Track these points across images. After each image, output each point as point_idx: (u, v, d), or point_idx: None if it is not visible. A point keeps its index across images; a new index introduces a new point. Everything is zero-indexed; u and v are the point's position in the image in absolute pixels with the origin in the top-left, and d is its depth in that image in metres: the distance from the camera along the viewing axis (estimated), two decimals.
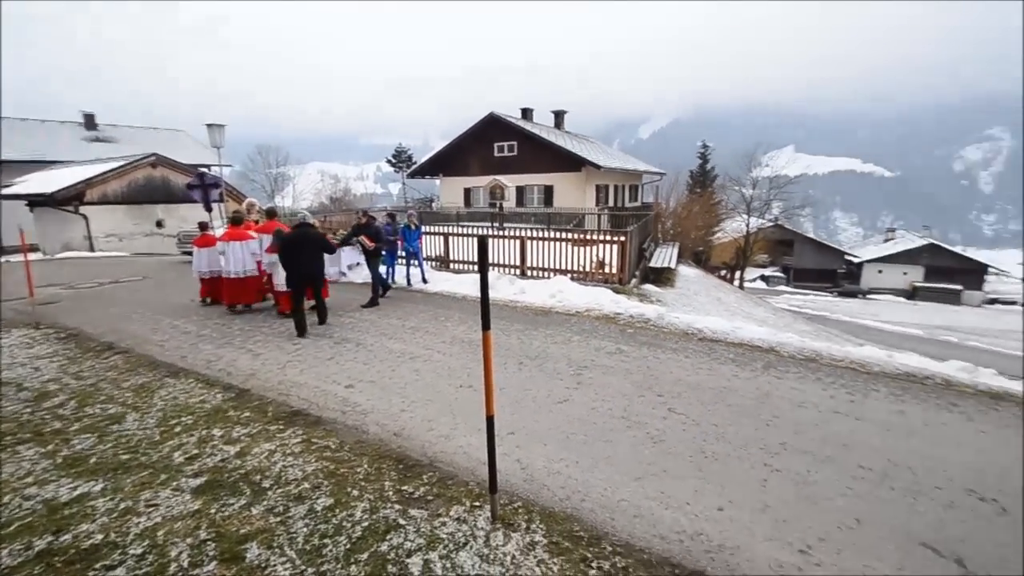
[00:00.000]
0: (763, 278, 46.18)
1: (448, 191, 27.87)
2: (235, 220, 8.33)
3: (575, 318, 7.57)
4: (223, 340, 6.80)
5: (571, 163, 23.38)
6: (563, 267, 10.30)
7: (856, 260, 47.00)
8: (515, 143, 25.26)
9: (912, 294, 41.81)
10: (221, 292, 8.42)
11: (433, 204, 30.54)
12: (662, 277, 12.38)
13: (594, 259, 10.43)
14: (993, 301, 41.59)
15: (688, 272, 16.70)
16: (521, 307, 8.31)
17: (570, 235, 10.84)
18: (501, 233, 11.93)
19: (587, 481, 3.42)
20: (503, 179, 23.15)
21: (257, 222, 9.00)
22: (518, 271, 10.62)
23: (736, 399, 4.69)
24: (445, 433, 4.10)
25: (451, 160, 27.18)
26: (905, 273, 43.79)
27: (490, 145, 25.77)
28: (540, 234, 10.94)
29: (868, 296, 41.93)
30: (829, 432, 4.07)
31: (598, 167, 22.66)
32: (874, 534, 2.92)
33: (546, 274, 10.31)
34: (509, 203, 23.58)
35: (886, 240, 52.04)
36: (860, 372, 5.34)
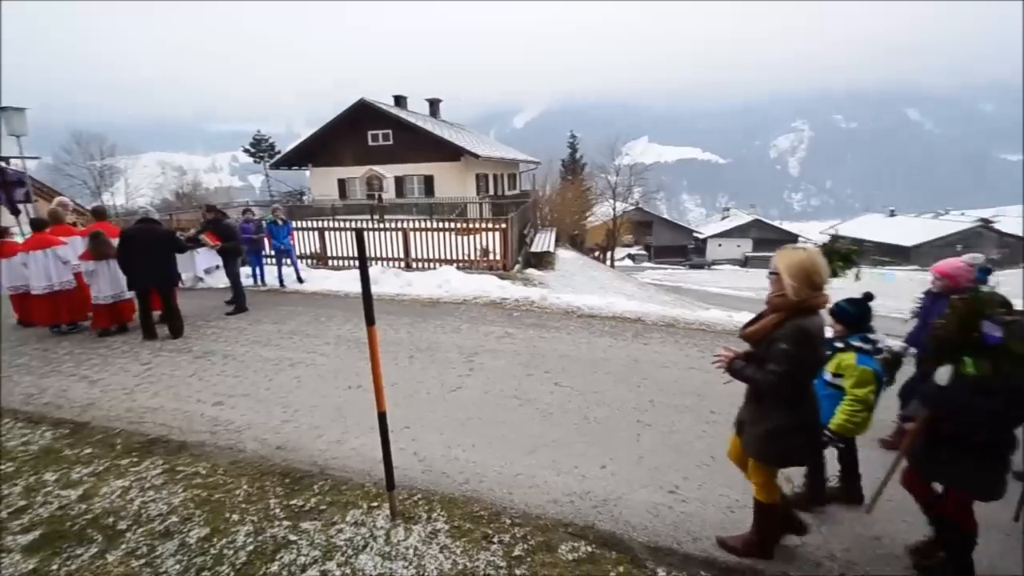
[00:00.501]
0: (630, 256, 50.79)
1: (320, 183, 26.01)
2: (37, 224, 6.93)
3: (463, 306, 7.65)
4: (47, 368, 5.66)
5: (450, 152, 23.24)
6: (448, 257, 10.30)
7: (701, 236, 54.07)
8: (390, 131, 24.37)
9: (745, 263, 49.23)
10: (32, 311, 6.96)
11: (304, 197, 28.32)
12: (543, 261, 13.00)
13: (478, 247, 10.59)
14: None
15: (566, 255, 17.76)
16: (409, 300, 8.17)
17: (453, 225, 10.85)
18: (382, 226, 11.51)
19: (485, 462, 3.54)
20: (380, 169, 22.23)
21: (76, 224, 7.59)
22: (403, 264, 10.38)
23: (612, 367, 5.17)
24: (336, 438, 3.93)
25: (321, 149, 25.35)
26: (739, 245, 51.47)
27: (364, 133, 24.54)
28: (423, 225, 10.78)
29: (712, 267, 48.41)
30: (687, 386, 4.70)
31: (477, 156, 22.85)
32: (726, 467, 3.45)
33: (432, 265, 10.22)
34: (389, 194, 22.73)
35: (723, 218, 60.53)
36: (708, 332, 6.22)
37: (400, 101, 27.70)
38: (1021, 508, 2.80)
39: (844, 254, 2.80)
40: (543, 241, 15.11)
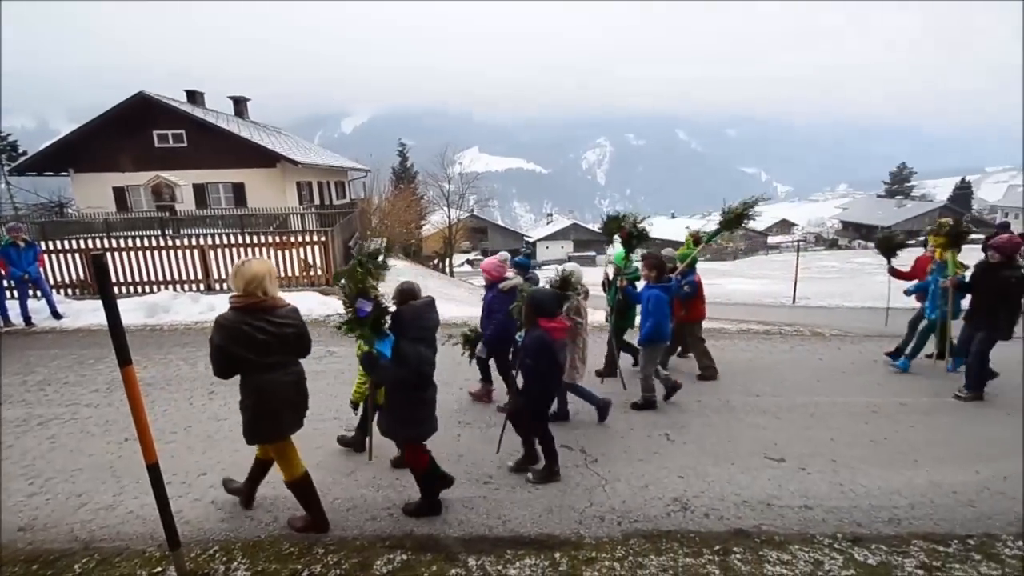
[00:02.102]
0: (468, 262, 52.35)
1: (88, 192, 21.05)
2: None
3: None
4: None
5: (264, 158, 20.97)
6: None
7: (532, 240, 58.57)
8: (183, 132, 20.95)
9: (567, 262, 54.92)
10: None
11: (67, 209, 22.68)
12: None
13: (299, 262, 9.82)
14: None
15: (398, 264, 17.50)
16: (210, 327, 7.17)
17: (268, 238, 9.85)
18: (175, 243, 9.85)
19: None
20: (171, 176, 19.03)
21: None
22: (202, 286, 9.07)
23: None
24: (107, 503, 3.29)
25: (89, 150, 20.44)
26: (562, 247, 57.12)
27: (148, 133, 20.63)
28: (231, 240, 9.56)
29: (543, 267, 52.76)
30: (502, 384, 5.08)
31: (296, 163, 21.05)
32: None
33: None
34: (184, 205, 19.59)
35: (548, 223, 66.57)
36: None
37: (195, 97, 24.07)
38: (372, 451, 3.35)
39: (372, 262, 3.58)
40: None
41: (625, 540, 2.94)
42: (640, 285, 5.13)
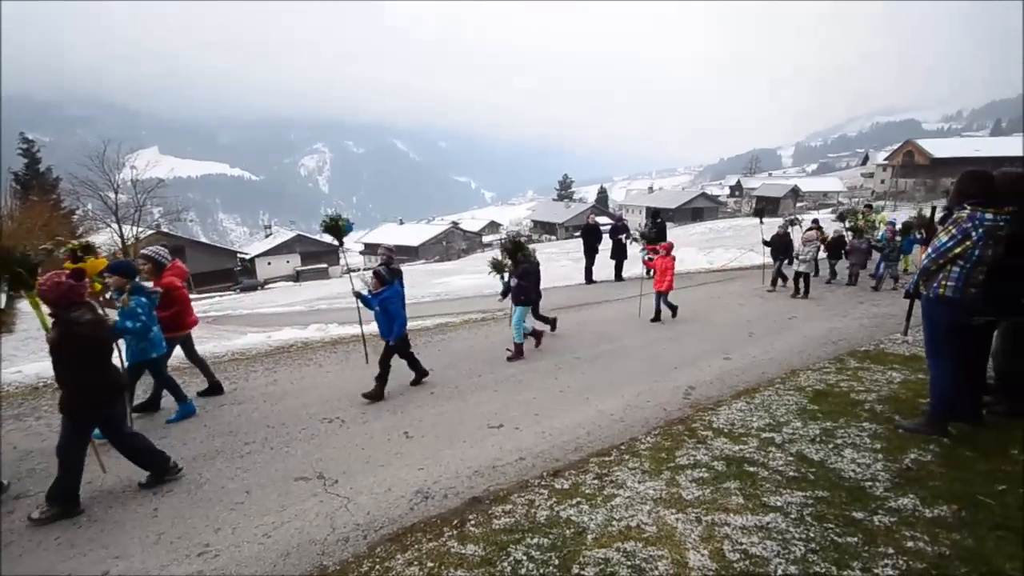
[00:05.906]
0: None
1: None
2: None
3: None
4: None
5: None
6: None
7: (248, 256, 51.27)
8: None
9: (297, 277, 50.23)
10: None
11: None
12: None
13: None
14: (351, 271, 56.59)
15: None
16: None
17: None
18: None
19: None
20: None
21: None
22: None
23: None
24: None
25: None
26: (288, 261, 51.99)
27: None
28: None
29: (266, 286, 46.80)
30: (216, 427, 4.34)
31: None
32: (264, 495, 3.43)
33: None
34: None
35: (267, 236, 59.47)
36: (241, 360, 5.96)
37: None
38: None
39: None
40: None
41: (371, 551, 2.92)
42: None
